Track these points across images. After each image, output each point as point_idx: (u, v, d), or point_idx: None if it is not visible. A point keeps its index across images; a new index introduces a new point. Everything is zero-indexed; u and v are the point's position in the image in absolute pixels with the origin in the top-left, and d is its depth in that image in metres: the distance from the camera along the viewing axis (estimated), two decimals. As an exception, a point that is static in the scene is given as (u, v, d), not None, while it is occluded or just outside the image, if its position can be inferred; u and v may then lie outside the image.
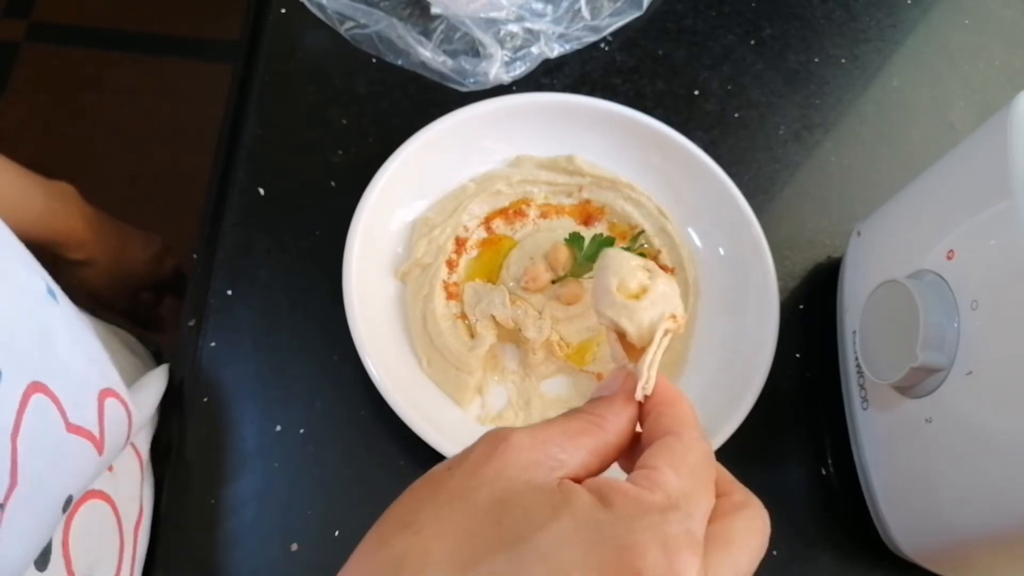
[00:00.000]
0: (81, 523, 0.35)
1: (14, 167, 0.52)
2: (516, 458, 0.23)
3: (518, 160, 0.53)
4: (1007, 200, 0.36)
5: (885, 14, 0.66)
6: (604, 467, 0.26)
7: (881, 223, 0.50)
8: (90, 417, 0.35)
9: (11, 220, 0.34)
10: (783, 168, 0.58)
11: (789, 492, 0.48)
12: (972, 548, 0.38)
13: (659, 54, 0.61)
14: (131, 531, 0.40)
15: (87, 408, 0.35)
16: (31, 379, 0.30)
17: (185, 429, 0.45)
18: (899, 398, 0.42)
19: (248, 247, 0.50)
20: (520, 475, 0.23)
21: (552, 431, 0.25)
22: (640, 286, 0.29)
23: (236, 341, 0.47)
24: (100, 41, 1.58)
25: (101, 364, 0.36)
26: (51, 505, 0.32)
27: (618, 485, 0.23)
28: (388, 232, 0.50)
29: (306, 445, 0.45)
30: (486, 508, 0.22)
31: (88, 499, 0.36)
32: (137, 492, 0.42)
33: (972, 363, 0.37)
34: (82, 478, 0.35)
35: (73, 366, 0.34)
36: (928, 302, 0.39)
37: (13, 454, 0.29)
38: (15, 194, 0.52)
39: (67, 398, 0.33)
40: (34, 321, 0.32)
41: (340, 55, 0.56)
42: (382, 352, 0.45)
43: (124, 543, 0.39)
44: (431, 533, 0.22)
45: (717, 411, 0.46)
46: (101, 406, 0.36)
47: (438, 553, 0.22)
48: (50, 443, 0.32)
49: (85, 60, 1.56)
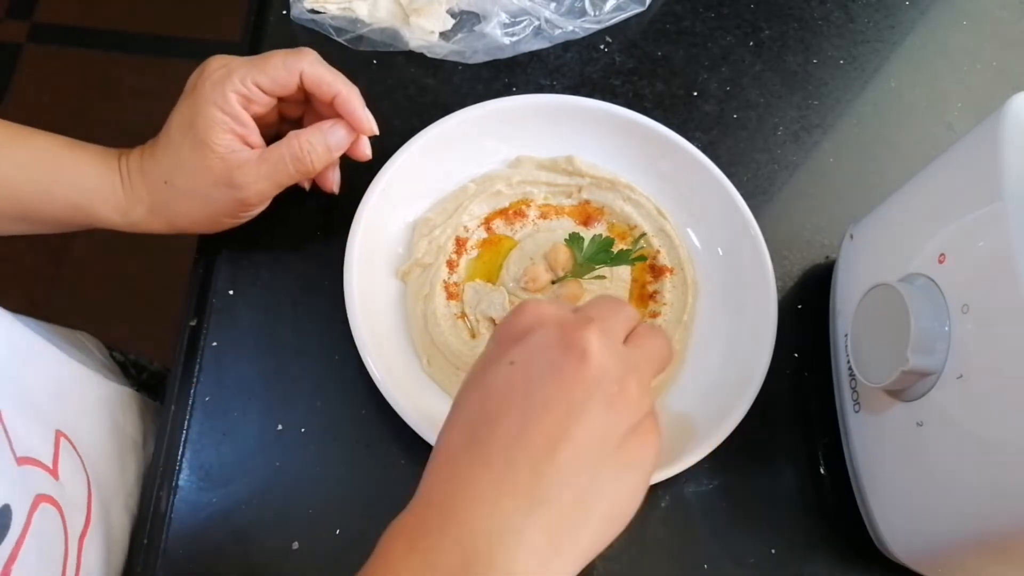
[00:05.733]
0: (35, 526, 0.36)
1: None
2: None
3: (518, 161, 0.53)
4: (997, 202, 0.36)
5: (883, 15, 0.66)
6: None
7: (873, 226, 0.50)
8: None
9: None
10: (781, 169, 0.59)
11: (784, 493, 0.48)
12: (961, 551, 0.38)
13: (658, 55, 0.61)
14: (76, 541, 0.40)
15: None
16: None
17: (187, 428, 0.45)
18: (890, 401, 0.42)
19: (249, 247, 0.50)
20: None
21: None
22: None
23: (238, 341, 0.48)
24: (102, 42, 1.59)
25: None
26: None
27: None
28: (389, 232, 0.50)
29: (307, 444, 0.45)
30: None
31: (40, 502, 0.37)
32: (84, 502, 0.42)
33: (963, 367, 0.37)
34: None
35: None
36: (919, 306, 0.39)
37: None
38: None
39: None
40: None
41: (340, 56, 0.57)
42: (383, 351, 0.45)
43: (68, 553, 0.39)
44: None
45: (716, 410, 0.46)
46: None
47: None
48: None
49: (87, 61, 1.56)
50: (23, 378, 0.40)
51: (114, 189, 0.45)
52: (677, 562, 0.46)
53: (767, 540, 0.47)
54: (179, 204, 0.45)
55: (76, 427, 0.43)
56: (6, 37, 1.58)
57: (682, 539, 0.46)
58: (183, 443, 0.45)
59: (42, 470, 0.38)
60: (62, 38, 1.60)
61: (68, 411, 0.43)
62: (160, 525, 0.43)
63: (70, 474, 0.41)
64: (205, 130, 0.43)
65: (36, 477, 0.38)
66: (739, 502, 0.47)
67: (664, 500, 0.47)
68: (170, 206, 0.45)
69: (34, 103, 1.51)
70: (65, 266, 1.44)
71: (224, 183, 0.44)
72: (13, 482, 0.36)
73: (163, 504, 0.43)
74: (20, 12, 1.62)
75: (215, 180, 0.44)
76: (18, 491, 0.36)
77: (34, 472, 0.38)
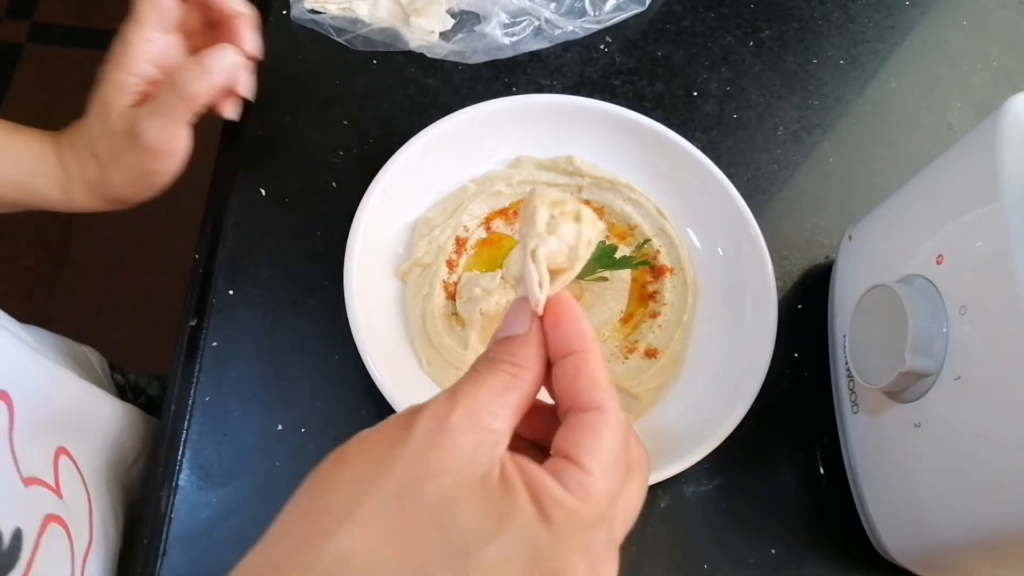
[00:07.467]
0: (45, 544, 0.36)
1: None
2: (458, 445, 0.23)
3: (518, 161, 0.53)
4: (995, 203, 0.36)
5: (883, 15, 0.66)
6: (521, 415, 0.26)
7: (872, 227, 0.50)
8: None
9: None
10: (781, 169, 0.59)
11: (783, 493, 0.48)
12: (958, 553, 0.38)
13: (658, 55, 0.61)
14: (80, 560, 0.40)
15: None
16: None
17: (187, 428, 0.45)
18: (888, 402, 0.42)
19: (249, 247, 0.50)
20: (465, 466, 0.23)
21: (482, 396, 0.25)
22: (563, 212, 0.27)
23: (238, 341, 0.48)
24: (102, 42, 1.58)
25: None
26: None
27: (555, 495, 0.23)
28: (389, 232, 0.50)
29: (307, 444, 0.45)
30: (433, 508, 0.23)
31: (49, 523, 0.37)
32: (86, 524, 0.42)
33: (960, 368, 0.37)
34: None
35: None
36: (917, 307, 0.39)
37: None
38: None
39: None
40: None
41: (341, 56, 0.57)
42: (383, 351, 0.45)
43: (74, 572, 0.39)
44: (377, 532, 0.22)
45: (715, 411, 0.46)
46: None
47: (386, 556, 0.22)
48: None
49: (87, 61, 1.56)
50: (27, 397, 0.40)
51: (54, 167, 0.47)
52: (676, 562, 0.46)
53: (766, 540, 0.47)
54: (107, 174, 0.47)
55: (77, 444, 0.43)
56: (6, 37, 1.59)
57: (681, 539, 0.46)
58: (183, 443, 0.45)
59: (46, 489, 0.38)
60: (62, 38, 1.60)
61: (70, 428, 0.43)
62: (160, 525, 0.43)
63: (72, 492, 0.41)
64: (110, 94, 0.45)
65: (43, 497, 0.38)
66: (738, 502, 0.47)
67: (664, 500, 0.47)
68: (101, 177, 0.47)
69: (34, 103, 1.51)
70: (65, 266, 1.44)
71: (127, 136, 0.45)
72: (23, 505, 0.36)
73: (163, 504, 0.43)
74: (20, 12, 1.62)
75: (122, 139, 0.45)
76: (28, 513, 0.36)
77: (40, 492, 0.38)
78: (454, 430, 0.24)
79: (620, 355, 0.50)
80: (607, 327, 0.50)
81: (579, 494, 0.24)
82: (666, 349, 0.49)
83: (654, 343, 0.50)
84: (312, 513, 0.24)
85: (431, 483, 0.23)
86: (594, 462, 0.24)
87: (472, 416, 0.24)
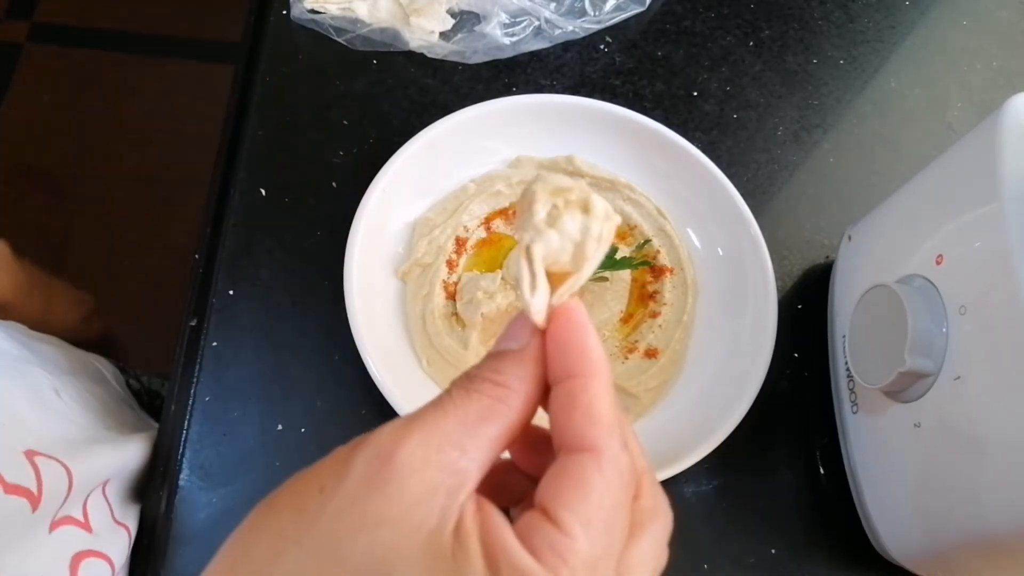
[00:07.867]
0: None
1: None
2: (403, 490, 0.19)
3: (518, 161, 0.53)
4: (994, 203, 0.36)
5: (883, 15, 0.66)
6: (503, 449, 0.21)
7: (871, 227, 0.50)
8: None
9: None
10: (781, 169, 0.59)
11: (783, 493, 0.48)
12: (958, 553, 0.38)
13: (658, 55, 0.61)
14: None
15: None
16: None
17: (187, 428, 0.45)
18: (888, 403, 0.42)
19: (249, 247, 0.50)
20: (408, 518, 0.19)
21: (447, 426, 0.20)
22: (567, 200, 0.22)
23: (238, 341, 0.48)
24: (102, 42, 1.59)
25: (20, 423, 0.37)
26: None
27: (518, 564, 0.18)
28: (389, 232, 0.50)
29: (307, 444, 0.45)
30: (361, 570, 0.18)
31: (87, 556, 0.37)
32: (126, 563, 0.43)
33: (960, 368, 0.37)
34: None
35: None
36: (916, 307, 0.39)
37: None
38: None
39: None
40: None
41: (341, 56, 0.57)
42: (383, 351, 0.45)
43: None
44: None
45: (715, 411, 0.46)
46: (34, 464, 0.37)
47: None
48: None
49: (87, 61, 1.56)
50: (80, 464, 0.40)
51: None
52: (676, 562, 0.46)
53: (766, 540, 0.47)
54: None
55: (111, 486, 0.43)
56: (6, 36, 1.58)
57: (681, 539, 0.46)
58: (183, 443, 0.45)
59: (74, 527, 0.38)
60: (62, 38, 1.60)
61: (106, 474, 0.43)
62: (160, 525, 0.43)
63: (102, 523, 0.41)
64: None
65: (73, 536, 0.38)
66: (738, 502, 0.47)
67: (663, 500, 0.47)
68: None
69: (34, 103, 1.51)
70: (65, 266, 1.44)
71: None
72: (49, 552, 0.36)
73: (163, 504, 0.44)
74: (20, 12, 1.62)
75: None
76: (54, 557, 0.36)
77: (70, 532, 0.38)
78: (399, 470, 0.19)
79: (620, 355, 0.50)
80: (607, 327, 0.51)
81: (551, 562, 0.19)
82: (666, 349, 0.49)
83: (654, 343, 0.50)
84: (235, 569, 0.20)
85: (363, 538, 0.18)
86: (575, 520, 0.19)
87: (428, 452, 0.19)
